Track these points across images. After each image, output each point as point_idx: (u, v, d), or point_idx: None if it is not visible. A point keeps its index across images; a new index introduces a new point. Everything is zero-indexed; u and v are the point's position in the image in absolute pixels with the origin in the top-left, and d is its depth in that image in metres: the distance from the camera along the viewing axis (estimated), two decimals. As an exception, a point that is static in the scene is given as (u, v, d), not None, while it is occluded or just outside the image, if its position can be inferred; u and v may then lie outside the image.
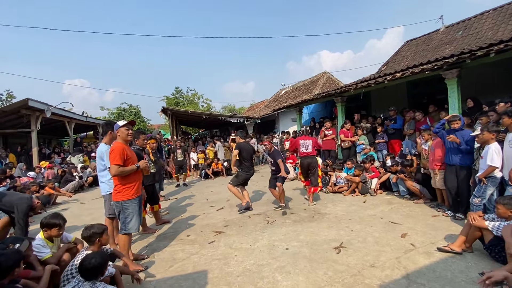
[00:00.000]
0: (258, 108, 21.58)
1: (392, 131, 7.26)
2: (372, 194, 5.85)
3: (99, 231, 2.70)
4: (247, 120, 13.96)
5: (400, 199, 5.39)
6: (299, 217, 4.65)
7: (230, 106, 40.33)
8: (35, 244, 2.75)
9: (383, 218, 4.30)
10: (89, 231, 2.68)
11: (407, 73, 6.02)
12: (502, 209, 2.87)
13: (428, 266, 2.84)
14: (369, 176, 6.10)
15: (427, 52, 10.14)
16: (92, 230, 2.68)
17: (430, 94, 8.19)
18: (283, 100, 17.72)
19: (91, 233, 2.66)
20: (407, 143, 6.43)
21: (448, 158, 4.32)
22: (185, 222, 4.72)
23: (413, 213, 4.52)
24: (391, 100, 8.97)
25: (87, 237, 2.68)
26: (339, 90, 8.31)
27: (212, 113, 16.74)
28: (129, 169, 3.06)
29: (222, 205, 5.76)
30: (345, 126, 8.05)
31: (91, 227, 2.74)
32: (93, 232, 2.67)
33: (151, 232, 4.29)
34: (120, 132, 3.17)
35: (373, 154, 7.01)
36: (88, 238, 2.68)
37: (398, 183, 5.56)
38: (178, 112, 12.93)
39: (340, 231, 3.86)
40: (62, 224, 2.90)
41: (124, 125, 3.18)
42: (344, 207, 5.10)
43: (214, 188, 7.96)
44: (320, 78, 16.12)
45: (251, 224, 4.40)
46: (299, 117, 11.57)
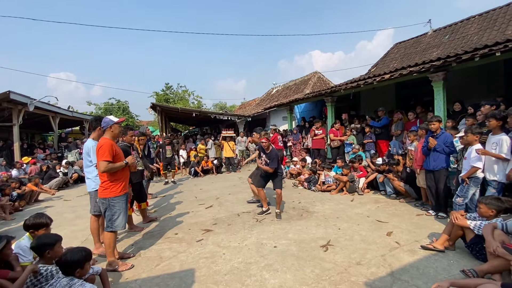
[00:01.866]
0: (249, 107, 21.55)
1: (378, 131, 7.39)
2: (359, 193, 5.94)
3: (51, 242, 2.40)
4: (238, 118, 13.91)
5: (387, 198, 5.50)
6: (287, 215, 4.67)
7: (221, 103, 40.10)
8: (22, 244, 2.61)
9: (370, 217, 4.38)
10: (40, 240, 2.37)
11: (395, 74, 6.13)
12: (484, 209, 2.97)
13: (412, 263, 2.91)
14: (357, 176, 6.19)
15: (415, 54, 10.36)
16: (43, 241, 2.37)
17: (417, 96, 8.37)
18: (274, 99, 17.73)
19: (42, 244, 2.37)
20: (394, 143, 6.56)
21: (426, 164, 4.44)
22: (173, 220, 4.66)
23: (399, 212, 4.62)
24: (379, 101, 9.12)
25: (36, 247, 2.38)
26: (329, 90, 8.38)
27: (202, 110, 16.58)
28: (118, 166, 3.02)
29: (211, 203, 5.73)
30: (335, 126, 8.13)
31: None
32: (44, 244, 2.38)
33: (138, 230, 4.22)
34: (113, 128, 3.12)
35: (362, 154, 7.12)
36: (38, 248, 2.38)
37: (385, 182, 5.67)
38: (167, 109, 12.74)
39: (328, 229, 3.90)
40: (49, 223, 2.79)
41: (118, 122, 3.14)
42: (332, 205, 5.16)
43: (203, 186, 7.90)
44: (311, 77, 16.22)
45: (240, 222, 4.39)
46: (290, 116, 11.61)
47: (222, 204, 5.61)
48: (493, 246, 2.51)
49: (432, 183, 4.40)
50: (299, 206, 5.21)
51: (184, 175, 10.54)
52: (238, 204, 5.49)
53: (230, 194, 6.51)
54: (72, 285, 2.10)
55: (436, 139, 4.35)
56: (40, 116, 11.71)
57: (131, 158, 3.19)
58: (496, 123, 3.59)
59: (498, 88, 6.54)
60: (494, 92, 6.29)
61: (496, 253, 2.46)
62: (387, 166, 5.72)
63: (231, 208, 5.28)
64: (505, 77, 6.61)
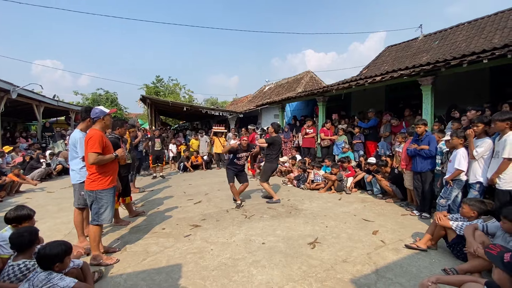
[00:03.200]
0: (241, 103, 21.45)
1: (366, 132, 7.52)
2: (347, 192, 6.04)
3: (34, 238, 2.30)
4: (230, 114, 13.85)
5: (373, 198, 5.62)
6: (276, 212, 4.70)
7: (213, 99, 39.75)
8: (4, 236, 2.48)
9: (357, 216, 4.46)
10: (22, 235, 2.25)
11: (386, 77, 6.23)
12: (467, 209, 3.07)
13: (396, 261, 2.98)
14: (345, 175, 6.29)
15: (405, 58, 10.57)
16: (26, 237, 2.26)
17: (406, 99, 8.56)
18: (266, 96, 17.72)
19: (28, 240, 2.27)
20: (383, 144, 6.69)
21: (414, 166, 4.56)
22: (161, 215, 4.61)
23: (385, 211, 4.73)
24: (370, 102, 9.26)
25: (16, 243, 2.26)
26: (321, 90, 8.44)
27: (193, 104, 16.41)
28: (108, 158, 2.96)
29: (200, 198, 5.70)
30: (326, 125, 8.21)
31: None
32: (29, 241, 2.27)
33: (124, 224, 4.16)
34: (106, 119, 3.06)
35: (350, 154, 7.22)
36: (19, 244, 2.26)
37: (372, 182, 5.78)
38: (157, 102, 12.53)
39: (316, 227, 3.95)
40: (32, 215, 2.69)
41: (110, 113, 3.09)
42: (320, 203, 5.23)
43: (192, 181, 7.84)
44: (304, 77, 16.30)
45: (228, 218, 4.39)
46: (282, 114, 11.63)
47: (211, 200, 5.58)
48: (474, 246, 2.60)
49: (419, 184, 4.52)
50: (288, 203, 5.25)
51: (173, 169, 10.43)
52: (227, 200, 5.48)
53: (219, 190, 6.49)
54: (50, 279, 2.04)
55: (421, 142, 4.46)
56: (23, 104, 11.27)
57: (121, 151, 3.13)
58: (483, 127, 3.73)
59: (484, 94, 6.75)
60: (481, 98, 6.49)
61: (476, 253, 2.55)
62: (376, 166, 5.83)
63: (220, 204, 5.27)
64: (491, 84, 6.83)
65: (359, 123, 7.78)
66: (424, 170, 4.43)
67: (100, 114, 3.03)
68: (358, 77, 8.15)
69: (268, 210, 4.82)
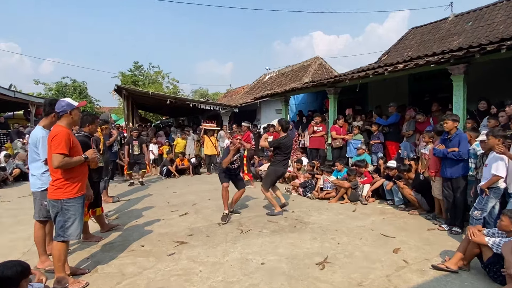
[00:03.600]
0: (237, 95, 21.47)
1: (386, 130, 7.54)
2: (363, 202, 6.07)
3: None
4: (223, 108, 13.84)
5: (394, 209, 5.65)
6: (278, 226, 4.71)
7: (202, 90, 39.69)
8: None
9: (374, 230, 4.48)
10: None
11: (410, 64, 6.26)
12: (506, 222, 3.08)
13: (421, 285, 3.00)
14: (361, 182, 6.32)
15: (433, 42, 10.63)
16: None
17: (433, 91, 8.61)
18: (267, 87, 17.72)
19: None
20: (405, 145, 6.72)
21: (442, 171, 4.58)
22: (139, 230, 4.61)
23: (408, 225, 4.76)
24: (390, 95, 9.30)
25: None
26: (332, 80, 8.47)
27: (179, 97, 16.39)
28: (76, 160, 2.95)
29: (187, 210, 5.70)
30: (338, 122, 8.25)
31: None
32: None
33: (95, 240, 4.15)
34: (74, 114, 3.06)
35: (367, 157, 7.25)
36: None
37: (393, 191, 5.81)
38: (136, 93, 12.49)
39: (325, 244, 3.96)
40: None
41: (78, 107, 3.08)
42: (330, 216, 5.24)
43: (178, 189, 7.84)
44: (312, 64, 16.33)
45: (221, 233, 4.39)
46: (285, 108, 11.65)
47: (200, 211, 5.58)
48: (513, 267, 2.61)
49: (449, 192, 4.54)
50: (292, 215, 5.26)
51: (154, 175, 10.41)
52: (219, 212, 5.47)
53: (210, 199, 6.49)
54: None
55: (450, 142, 4.48)
56: (-28, 95, 11.21)
57: (91, 152, 3.13)
58: None
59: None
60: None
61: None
62: (398, 171, 5.85)
63: (210, 216, 5.27)
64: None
65: (377, 119, 7.82)
66: (454, 176, 4.45)
67: (67, 108, 3.02)
68: (377, 65, 8.18)
69: (268, 224, 4.82)
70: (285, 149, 5.33)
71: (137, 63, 28.56)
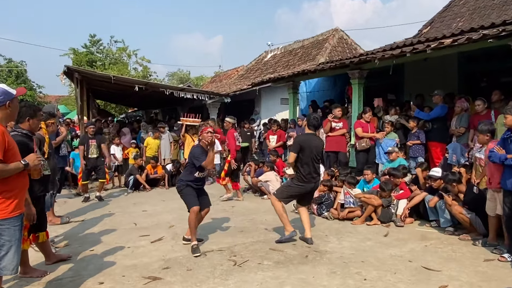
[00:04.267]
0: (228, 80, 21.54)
1: (428, 127, 7.55)
2: (397, 223, 6.07)
3: None
4: (210, 98, 13.85)
5: (440, 233, 5.65)
6: (284, 256, 4.70)
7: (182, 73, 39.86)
8: None
9: (413, 262, 4.47)
10: None
11: (460, 39, 6.29)
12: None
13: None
14: (395, 197, 6.33)
15: (491, 9, 10.67)
16: None
17: (492, 75, 8.65)
18: (268, 70, 17.79)
19: None
20: (455, 147, 6.73)
21: (503, 181, 4.56)
22: (97, 261, 4.60)
23: (458, 254, 4.75)
24: (434, 80, 9.34)
25: None
26: (357, 59, 8.50)
27: (151, 82, 16.39)
28: (12, 168, 2.95)
29: (161, 234, 5.69)
30: (364, 116, 8.26)
31: None
32: None
33: (37, 276, 4.12)
34: (12, 105, 3.06)
35: (403, 162, 7.27)
36: None
37: (438, 208, 5.81)
38: (92, 77, 12.50)
39: (348, 280, 3.96)
40: None
41: (17, 96, 3.10)
42: (354, 242, 5.24)
43: (149, 206, 7.84)
44: (329, 38, 16.40)
45: (207, 266, 4.38)
46: (293, 97, 11.69)
47: (179, 236, 5.57)
48: None
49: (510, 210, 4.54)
50: (302, 242, 5.26)
51: (116, 187, 10.40)
52: (204, 237, 5.49)
53: (192, 220, 6.49)
54: None
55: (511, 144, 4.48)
56: None
57: (33, 157, 3.11)
58: None
59: None
60: None
61: None
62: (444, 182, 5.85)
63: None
64: None
65: (416, 112, 7.82)
66: None
67: (5, 98, 3.02)
68: (416, 40, 8.21)
69: (270, 253, 4.81)
70: (309, 152, 5.11)
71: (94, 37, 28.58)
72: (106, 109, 24.28)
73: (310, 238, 5.18)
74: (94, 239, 5.52)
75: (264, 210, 7.24)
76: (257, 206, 7.73)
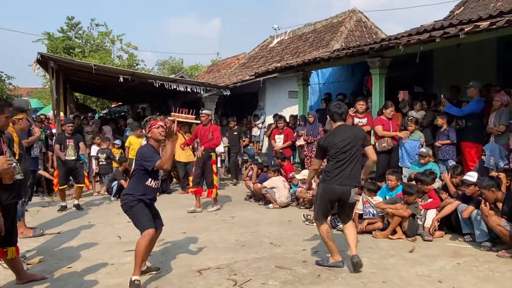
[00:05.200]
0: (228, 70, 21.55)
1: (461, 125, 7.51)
2: (425, 237, 6.03)
3: None
4: (206, 90, 13.85)
5: (475, 249, 5.60)
6: (293, 275, 4.69)
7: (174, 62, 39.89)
8: None
9: (444, 282, 4.44)
10: None
11: (500, 22, 6.25)
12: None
13: None
14: (422, 206, 6.29)
15: (536, -14, 10.61)
16: None
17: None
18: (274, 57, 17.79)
19: None
20: (493, 148, 6.69)
21: None
22: (75, 279, 4.60)
23: (496, 274, 4.71)
24: (469, 69, 9.30)
25: None
26: (378, 45, 8.48)
27: (138, 72, 16.42)
28: None
29: (149, 248, 5.70)
30: (385, 111, 8.24)
31: None
32: None
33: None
34: None
35: (433, 166, 7.23)
36: None
37: (473, 220, 5.78)
38: (70, 66, 12.51)
39: (367, 304, 3.94)
40: None
41: None
42: (375, 259, 5.22)
43: (135, 215, 7.85)
44: (345, 21, 16.37)
45: (203, 286, 4.38)
46: (303, 90, 11.67)
47: (169, 251, 5.60)
48: None
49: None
50: (314, 259, 5.25)
51: (96, 193, 10.41)
52: (200, 252, 5.50)
53: (185, 232, 6.51)
54: None
55: None
56: None
57: (3, 160, 3.11)
58: None
59: None
60: None
61: None
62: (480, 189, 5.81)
63: (186, 259, 5.27)
64: None
65: (447, 107, 7.77)
66: None
67: None
68: (447, 23, 8.17)
69: (276, 271, 4.80)
70: (334, 151, 4.78)
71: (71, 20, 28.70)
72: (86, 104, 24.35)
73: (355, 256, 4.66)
74: (72, 254, 5.52)
75: (268, 222, 7.24)
76: (260, 217, 7.74)
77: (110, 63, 24.67)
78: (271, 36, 21.15)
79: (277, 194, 8.33)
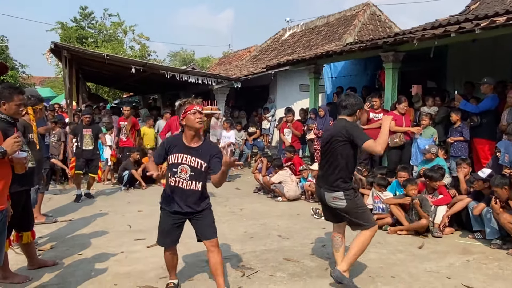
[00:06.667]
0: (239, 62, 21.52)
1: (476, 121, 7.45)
2: (435, 233, 6.02)
3: None
4: (218, 82, 13.87)
5: (485, 246, 5.58)
6: (301, 268, 4.71)
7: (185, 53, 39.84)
8: None
9: (453, 279, 4.43)
10: None
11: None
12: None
13: None
14: (433, 202, 6.28)
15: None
16: None
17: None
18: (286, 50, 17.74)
19: None
20: (506, 145, 6.63)
21: None
22: (86, 267, 4.65)
23: (506, 272, 4.69)
24: (483, 65, 9.20)
25: None
26: (391, 39, 8.42)
27: (150, 63, 16.46)
28: None
29: (159, 237, 5.75)
30: (398, 106, 8.19)
31: None
32: None
33: (18, 282, 4.17)
34: None
35: (442, 163, 7.20)
36: None
37: (484, 217, 5.75)
38: (83, 56, 12.58)
39: (375, 298, 3.95)
40: None
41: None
42: (383, 254, 5.23)
43: (145, 205, 7.91)
44: (359, 14, 16.25)
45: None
46: (315, 83, 11.63)
47: (180, 240, 5.61)
48: None
49: None
50: (322, 252, 5.27)
51: (108, 183, 10.53)
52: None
53: (194, 223, 6.53)
54: None
55: None
56: None
57: (11, 141, 3.04)
58: None
59: None
60: None
61: None
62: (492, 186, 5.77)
63: (196, 247, 5.26)
64: None
65: (462, 103, 7.70)
66: None
67: None
68: (463, 17, 8.09)
69: (284, 264, 4.83)
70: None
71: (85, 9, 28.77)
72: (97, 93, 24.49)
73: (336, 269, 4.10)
74: (83, 241, 5.60)
75: (277, 214, 7.28)
76: (269, 209, 7.77)
77: (123, 53, 24.68)
78: (283, 29, 21.07)
79: (285, 188, 8.35)
